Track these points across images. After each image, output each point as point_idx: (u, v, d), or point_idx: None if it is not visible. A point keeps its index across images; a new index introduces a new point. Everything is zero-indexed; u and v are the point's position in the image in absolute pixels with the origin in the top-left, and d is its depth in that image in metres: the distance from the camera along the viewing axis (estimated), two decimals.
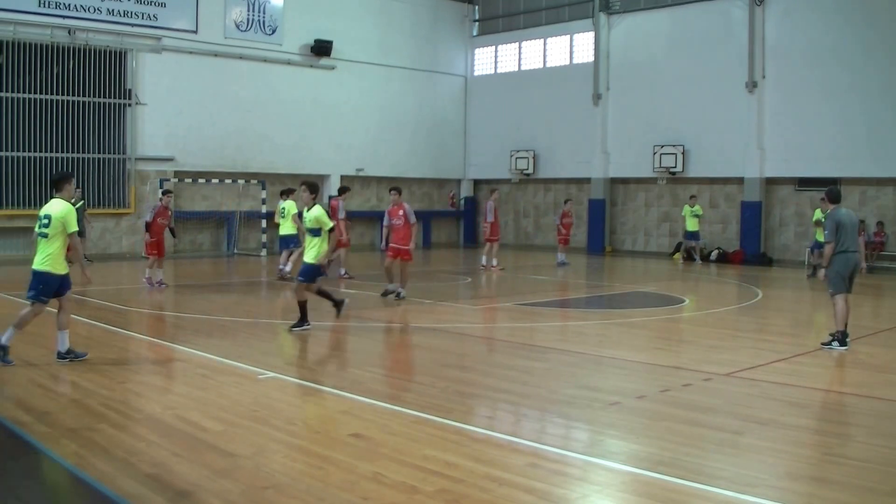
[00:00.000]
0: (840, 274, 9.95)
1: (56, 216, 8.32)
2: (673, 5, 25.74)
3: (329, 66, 27.12)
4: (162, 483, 5.03)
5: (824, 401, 7.66)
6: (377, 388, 7.60)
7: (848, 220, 10.02)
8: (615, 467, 5.55)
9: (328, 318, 11.26)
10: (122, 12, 22.57)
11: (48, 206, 8.49)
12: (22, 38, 21.10)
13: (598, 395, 7.55)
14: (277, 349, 9.73)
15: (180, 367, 8.83)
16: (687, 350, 10.25)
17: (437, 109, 30.68)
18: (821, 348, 9.92)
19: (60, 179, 8.64)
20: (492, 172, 30.54)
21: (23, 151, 21.39)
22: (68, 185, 8.63)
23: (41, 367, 8.30)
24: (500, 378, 8.32)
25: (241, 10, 25.05)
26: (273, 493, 4.89)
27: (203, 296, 14.81)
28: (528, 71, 29.81)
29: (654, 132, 25.63)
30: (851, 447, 6.01)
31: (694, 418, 6.72)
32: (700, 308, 13.87)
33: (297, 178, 26.44)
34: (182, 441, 5.94)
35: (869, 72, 21.64)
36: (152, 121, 23.37)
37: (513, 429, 6.65)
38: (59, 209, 8.37)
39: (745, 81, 23.74)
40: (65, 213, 8.34)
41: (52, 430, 6.11)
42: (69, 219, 8.34)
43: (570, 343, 10.37)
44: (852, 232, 10.00)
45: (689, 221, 23.27)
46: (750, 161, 23.79)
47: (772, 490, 5.04)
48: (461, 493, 4.91)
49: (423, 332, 11.05)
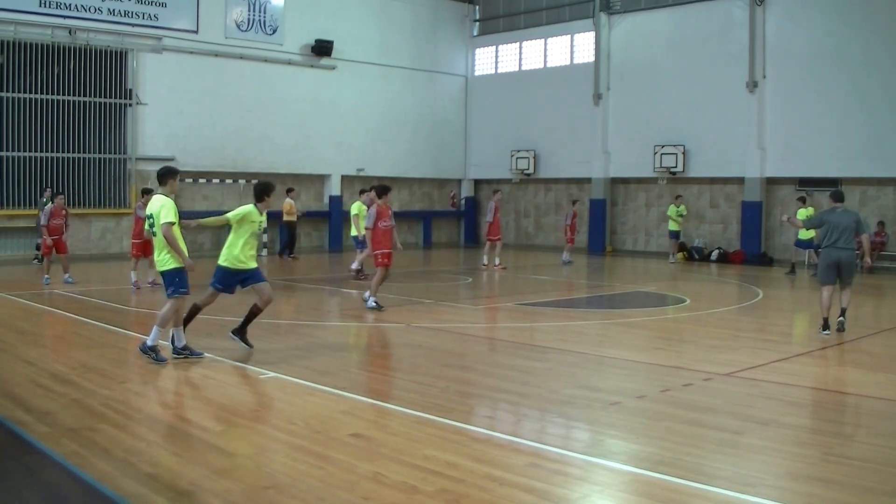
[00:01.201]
0: (823, 266, 10.97)
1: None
2: (673, 5, 25.74)
3: (330, 66, 27.13)
4: (162, 483, 5.03)
5: (824, 401, 7.66)
6: (378, 387, 7.60)
7: (837, 218, 10.83)
8: (616, 467, 5.55)
9: (328, 318, 11.26)
10: (122, 12, 22.58)
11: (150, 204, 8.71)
12: (23, 38, 21.11)
13: (599, 394, 7.55)
14: (278, 349, 9.72)
15: (181, 367, 8.83)
16: (687, 350, 10.25)
17: (438, 109, 30.69)
18: (823, 347, 9.94)
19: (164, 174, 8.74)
20: (492, 172, 30.54)
21: (23, 151, 21.40)
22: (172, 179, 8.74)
23: (42, 367, 8.30)
24: (500, 378, 8.32)
25: (241, 10, 25.06)
26: (273, 493, 4.89)
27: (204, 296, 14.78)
28: (529, 71, 29.82)
29: (655, 132, 25.63)
30: (852, 447, 6.01)
31: (694, 418, 6.72)
32: (700, 308, 13.86)
33: (298, 179, 26.66)
34: (182, 441, 5.94)
35: (869, 72, 21.63)
36: (153, 121, 23.38)
37: (513, 429, 6.64)
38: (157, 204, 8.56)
39: (745, 81, 23.74)
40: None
41: (53, 429, 6.11)
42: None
43: (570, 343, 10.37)
44: (843, 231, 10.72)
45: (673, 221, 23.46)
46: (750, 161, 23.79)
47: (772, 490, 5.04)
48: (461, 492, 4.91)
49: (424, 332, 11.05)
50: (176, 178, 8.80)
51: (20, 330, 10.73)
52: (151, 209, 8.61)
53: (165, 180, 8.68)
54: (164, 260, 8.67)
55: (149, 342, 8.63)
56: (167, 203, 8.49)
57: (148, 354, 8.61)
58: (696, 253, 24.56)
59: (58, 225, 15.81)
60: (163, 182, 8.71)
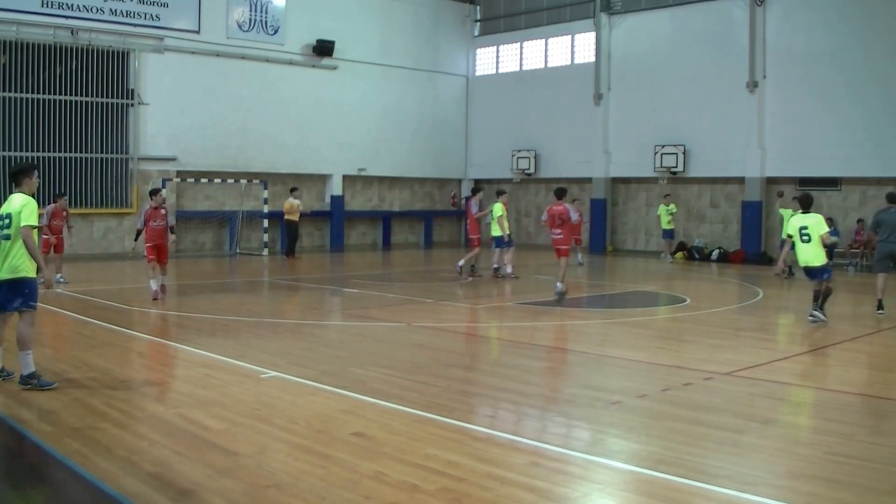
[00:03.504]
0: (878, 257, 12.91)
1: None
2: (674, 6, 25.75)
3: (331, 67, 27.14)
4: (164, 482, 5.05)
5: (825, 400, 7.66)
6: (379, 387, 7.61)
7: (890, 217, 12.46)
8: (617, 466, 5.56)
9: (330, 318, 11.28)
10: (124, 12, 22.61)
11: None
12: (25, 39, 21.14)
13: (600, 394, 7.56)
14: (280, 348, 9.74)
15: (183, 367, 8.85)
16: (688, 349, 10.26)
17: (439, 109, 30.71)
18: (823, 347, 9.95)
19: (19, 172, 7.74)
20: (493, 172, 30.54)
21: (25, 151, 21.41)
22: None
23: (44, 366, 8.31)
24: (501, 377, 8.33)
25: (243, 11, 25.08)
26: (275, 492, 4.90)
27: (205, 295, 14.82)
28: (530, 71, 29.83)
29: (655, 132, 25.64)
30: (852, 446, 6.01)
31: (695, 417, 6.72)
32: (701, 307, 13.87)
33: (299, 178, 26.69)
34: (184, 440, 5.95)
35: (869, 72, 21.64)
36: (155, 121, 23.41)
37: (514, 428, 6.65)
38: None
39: (745, 81, 23.74)
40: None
41: (56, 428, 6.13)
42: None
43: (571, 342, 10.38)
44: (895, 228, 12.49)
45: (664, 220, 23.69)
46: (750, 161, 23.80)
47: (773, 489, 5.05)
48: (463, 491, 4.93)
49: (425, 332, 11.06)
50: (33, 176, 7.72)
51: None
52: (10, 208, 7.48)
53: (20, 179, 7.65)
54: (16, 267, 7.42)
55: (25, 371, 7.35)
56: (30, 203, 7.47)
57: (30, 384, 7.30)
58: (696, 252, 24.57)
59: (58, 225, 15.78)
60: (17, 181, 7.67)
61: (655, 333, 11.42)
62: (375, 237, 29.87)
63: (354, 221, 29.14)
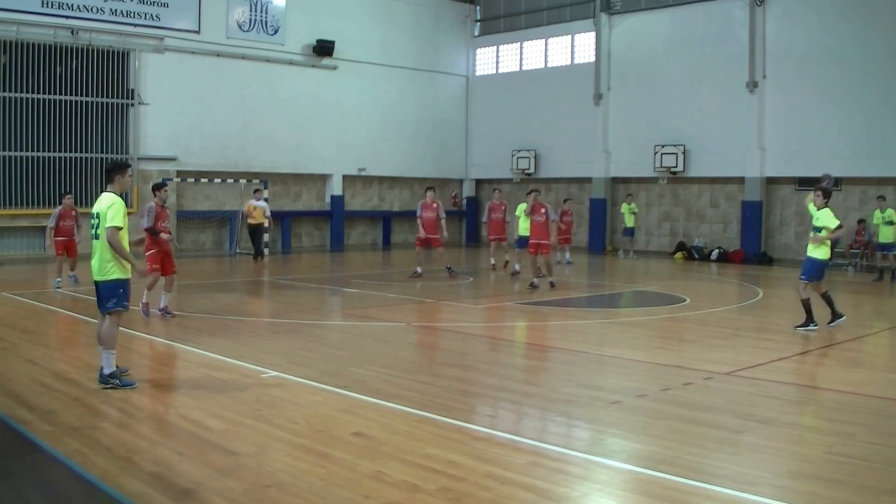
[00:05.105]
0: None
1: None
2: (674, 6, 25.75)
3: (331, 66, 27.15)
4: (164, 481, 5.05)
5: (825, 399, 7.67)
6: (379, 386, 7.61)
7: None
8: (616, 466, 5.56)
9: (330, 317, 11.28)
10: (124, 12, 22.61)
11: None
12: (25, 39, 21.14)
13: (600, 393, 7.56)
14: (280, 348, 9.75)
15: (183, 366, 8.85)
16: (688, 349, 10.26)
17: (439, 109, 30.71)
18: (823, 346, 9.95)
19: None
20: (493, 172, 30.55)
21: (25, 151, 21.43)
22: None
23: (44, 366, 8.32)
24: (501, 377, 8.33)
25: (243, 11, 25.09)
26: (275, 492, 4.90)
27: (205, 295, 14.82)
28: (530, 71, 29.83)
29: (655, 132, 25.64)
30: (852, 446, 6.01)
31: (695, 417, 6.73)
32: (701, 307, 13.87)
33: (300, 178, 26.71)
34: (184, 440, 5.96)
35: (869, 71, 21.64)
36: (155, 121, 23.41)
37: (514, 427, 6.66)
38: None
39: (745, 81, 23.74)
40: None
41: (55, 428, 6.13)
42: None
43: (571, 342, 10.38)
44: None
45: (628, 218, 24.14)
46: (750, 161, 23.80)
47: (772, 489, 5.05)
48: (463, 491, 4.93)
49: (425, 331, 11.06)
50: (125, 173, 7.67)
51: (23, 329, 10.75)
52: (98, 208, 7.47)
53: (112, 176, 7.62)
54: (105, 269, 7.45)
55: (105, 371, 7.41)
56: (117, 203, 7.43)
57: (111, 383, 7.36)
58: (696, 252, 24.57)
59: (68, 227, 15.24)
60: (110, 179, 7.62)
61: (655, 333, 11.42)
62: (375, 237, 29.87)
63: (354, 221, 29.15)
